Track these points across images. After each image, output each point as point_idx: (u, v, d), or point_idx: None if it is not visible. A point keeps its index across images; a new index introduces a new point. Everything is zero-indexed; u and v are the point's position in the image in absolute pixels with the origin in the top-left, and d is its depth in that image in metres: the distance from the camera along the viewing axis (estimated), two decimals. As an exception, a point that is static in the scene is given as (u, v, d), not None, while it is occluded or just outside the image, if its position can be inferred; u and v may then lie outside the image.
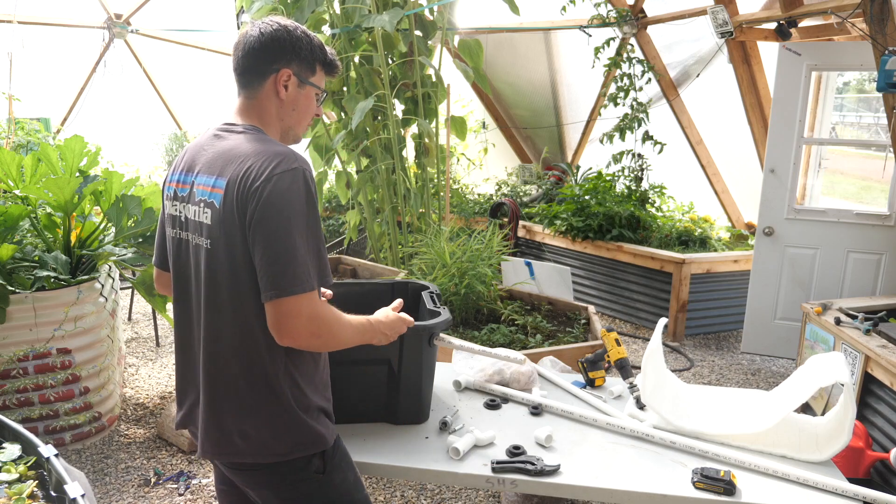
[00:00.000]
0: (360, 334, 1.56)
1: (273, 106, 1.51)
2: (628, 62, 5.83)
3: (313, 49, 1.51)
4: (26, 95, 6.11)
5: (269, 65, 1.47)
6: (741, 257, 5.25)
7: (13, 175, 3.39)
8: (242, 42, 1.48)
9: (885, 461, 2.84)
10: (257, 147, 1.41)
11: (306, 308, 1.34)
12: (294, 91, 1.50)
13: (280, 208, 1.33)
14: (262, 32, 1.47)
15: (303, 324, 1.35)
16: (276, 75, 1.48)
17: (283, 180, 1.34)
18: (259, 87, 1.49)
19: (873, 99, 7.64)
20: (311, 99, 1.55)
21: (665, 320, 2.34)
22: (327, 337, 1.42)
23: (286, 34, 1.47)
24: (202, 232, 1.44)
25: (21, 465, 1.69)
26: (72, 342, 3.29)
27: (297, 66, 1.49)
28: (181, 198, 1.52)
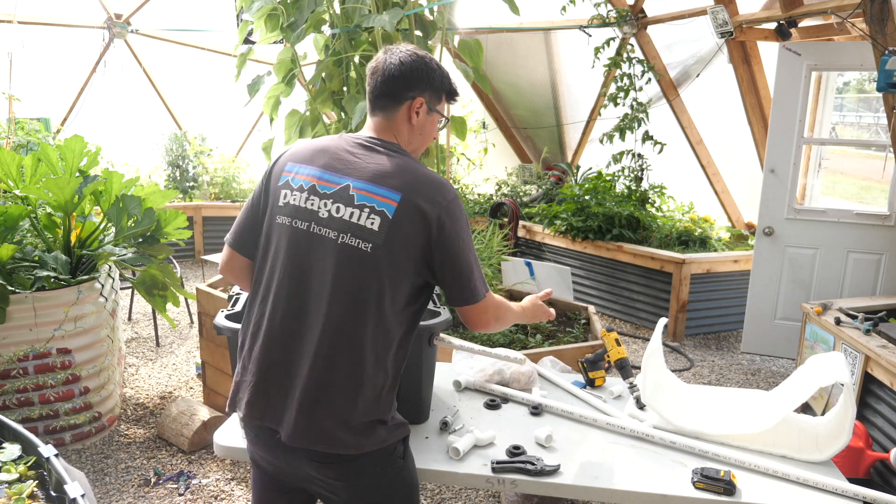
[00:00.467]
0: (518, 316, 1.86)
1: (405, 129, 1.65)
2: (628, 62, 5.83)
3: (443, 80, 1.67)
4: (26, 95, 6.10)
5: (406, 91, 1.62)
6: (741, 257, 5.25)
7: (13, 175, 3.39)
8: (382, 68, 1.62)
9: (885, 461, 2.84)
10: (425, 172, 1.59)
11: (490, 305, 1.67)
12: (423, 117, 1.65)
13: (459, 232, 1.57)
14: (401, 62, 1.61)
15: (490, 316, 1.69)
16: (411, 102, 1.63)
17: (456, 206, 1.57)
18: (395, 111, 1.63)
19: (873, 99, 7.65)
20: (435, 124, 1.71)
21: (665, 320, 2.34)
22: (503, 321, 1.76)
23: (423, 65, 1.63)
24: (362, 235, 1.52)
25: (21, 465, 1.69)
26: (72, 342, 3.29)
27: (429, 95, 1.65)
28: (321, 193, 1.58)
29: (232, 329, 2.03)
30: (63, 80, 7.15)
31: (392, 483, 1.63)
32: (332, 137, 1.67)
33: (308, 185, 1.60)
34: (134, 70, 7.40)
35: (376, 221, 1.51)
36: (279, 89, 4.28)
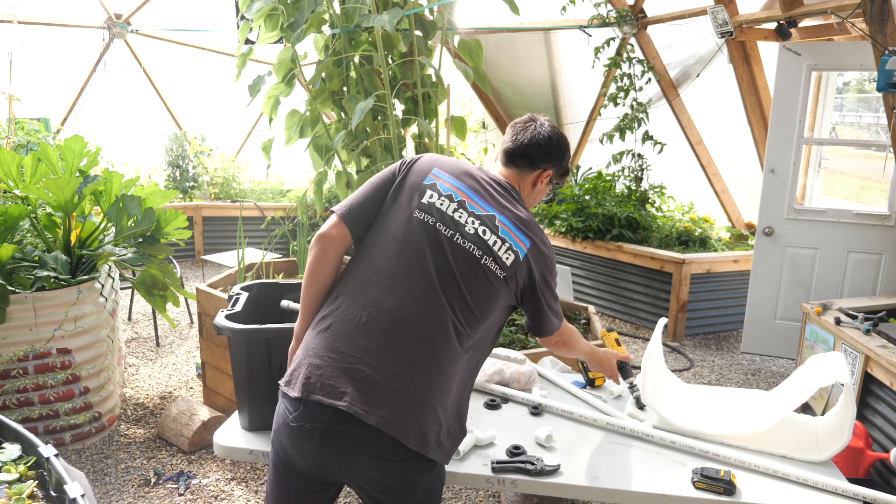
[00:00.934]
0: (586, 354, 2.12)
1: (527, 189, 1.87)
2: (628, 62, 5.83)
3: (569, 162, 1.92)
4: (26, 95, 6.10)
5: (542, 161, 1.84)
6: (741, 257, 5.25)
7: (13, 175, 3.38)
8: (532, 132, 1.83)
9: (885, 461, 2.84)
10: (537, 226, 1.81)
11: (566, 331, 1.96)
12: (544, 187, 1.89)
13: (550, 280, 1.82)
14: (550, 136, 1.83)
15: (562, 340, 1.97)
16: (542, 172, 1.85)
17: (554, 261, 1.84)
18: (528, 172, 1.85)
19: (873, 99, 7.65)
20: (544, 194, 1.93)
21: (665, 320, 2.34)
22: (572, 348, 2.04)
23: (564, 145, 1.87)
24: (498, 263, 1.72)
25: (21, 465, 1.69)
26: (72, 342, 3.29)
27: (556, 170, 1.87)
28: (470, 211, 1.74)
29: (232, 329, 2.03)
30: (63, 80, 7.15)
31: (434, 482, 1.69)
32: (469, 164, 1.87)
33: (458, 198, 1.75)
34: (134, 70, 7.40)
35: (511, 258, 1.73)
36: (279, 89, 4.28)
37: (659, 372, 2.20)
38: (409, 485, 1.62)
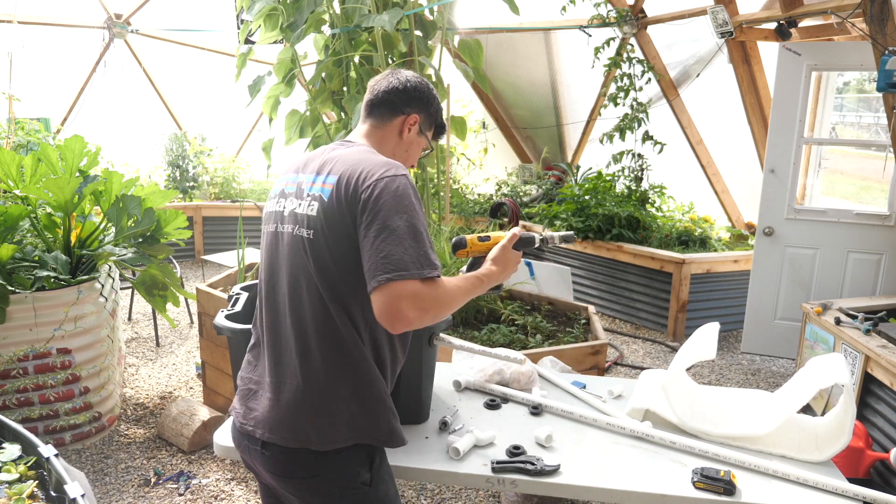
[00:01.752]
0: (468, 293, 1.61)
1: (393, 140, 1.70)
2: (628, 62, 5.84)
3: (438, 111, 1.75)
4: (26, 95, 6.11)
5: (404, 106, 1.68)
6: (741, 257, 5.25)
7: (13, 175, 3.39)
8: (385, 83, 1.69)
9: (885, 461, 2.84)
10: (370, 156, 1.55)
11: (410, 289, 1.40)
12: (413, 136, 1.71)
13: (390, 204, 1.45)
14: (407, 80, 1.70)
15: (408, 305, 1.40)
16: (407, 117, 1.69)
17: (393, 182, 1.48)
18: (388, 121, 1.69)
19: (873, 99, 7.65)
20: (420, 147, 1.75)
21: (717, 325, 2.34)
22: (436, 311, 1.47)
23: (426, 88, 1.72)
24: (305, 223, 1.52)
25: (21, 465, 1.69)
26: (72, 342, 3.29)
27: (423, 117, 1.71)
28: (286, 194, 1.62)
29: (232, 329, 2.03)
30: (63, 80, 7.16)
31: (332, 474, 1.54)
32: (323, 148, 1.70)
33: (279, 190, 1.65)
34: (134, 70, 7.40)
35: (315, 207, 1.51)
36: (279, 89, 4.28)
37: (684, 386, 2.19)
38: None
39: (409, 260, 1.40)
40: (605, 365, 3.40)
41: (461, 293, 1.56)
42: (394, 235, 1.42)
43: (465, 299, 1.57)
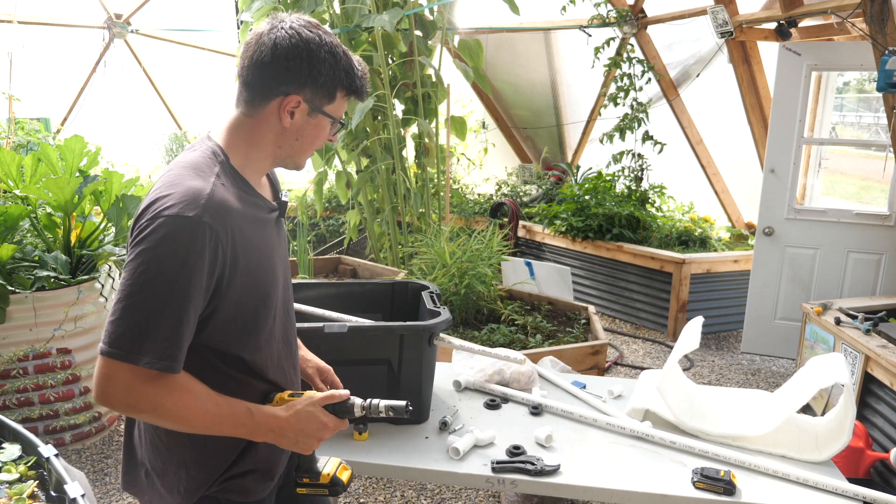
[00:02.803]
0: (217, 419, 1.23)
1: (271, 131, 1.29)
2: (628, 62, 5.83)
3: (336, 73, 1.27)
4: (26, 95, 6.11)
5: (278, 85, 1.25)
6: (741, 257, 5.25)
7: (13, 175, 3.39)
8: (254, 48, 1.24)
9: (885, 461, 2.84)
10: (176, 178, 1.20)
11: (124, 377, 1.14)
12: (301, 119, 1.28)
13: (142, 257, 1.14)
14: (277, 44, 1.22)
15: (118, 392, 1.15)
16: (283, 99, 1.26)
17: (166, 225, 1.14)
18: (260, 107, 1.27)
19: (873, 99, 7.65)
20: (322, 128, 1.32)
21: (701, 319, 2.34)
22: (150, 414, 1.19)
23: (305, 52, 1.23)
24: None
25: (21, 465, 1.69)
26: (72, 342, 3.29)
27: (311, 92, 1.26)
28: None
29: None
30: (63, 80, 7.15)
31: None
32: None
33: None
34: (134, 70, 7.40)
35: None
36: (279, 89, 4.28)
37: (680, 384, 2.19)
38: None
39: (117, 333, 1.13)
40: (605, 365, 3.41)
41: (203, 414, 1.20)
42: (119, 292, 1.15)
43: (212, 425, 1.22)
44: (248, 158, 1.31)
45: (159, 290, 1.13)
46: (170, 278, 1.13)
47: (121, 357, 1.13)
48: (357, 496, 2.97)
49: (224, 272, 1.21)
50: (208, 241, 1.15)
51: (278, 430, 1.27)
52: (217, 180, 1.22)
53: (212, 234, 1.16)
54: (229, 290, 1.23)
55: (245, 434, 1.26)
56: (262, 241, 1.31)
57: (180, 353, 1.17)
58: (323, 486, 1.37)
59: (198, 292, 1.16)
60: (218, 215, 1.17)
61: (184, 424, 1.21)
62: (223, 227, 1.18)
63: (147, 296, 1.13)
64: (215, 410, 1.22)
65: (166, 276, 1.13)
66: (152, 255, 1.13)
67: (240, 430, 1.25)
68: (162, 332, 1.14)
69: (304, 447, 1.31)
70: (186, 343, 1.18)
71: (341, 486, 1.38)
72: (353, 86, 1.31)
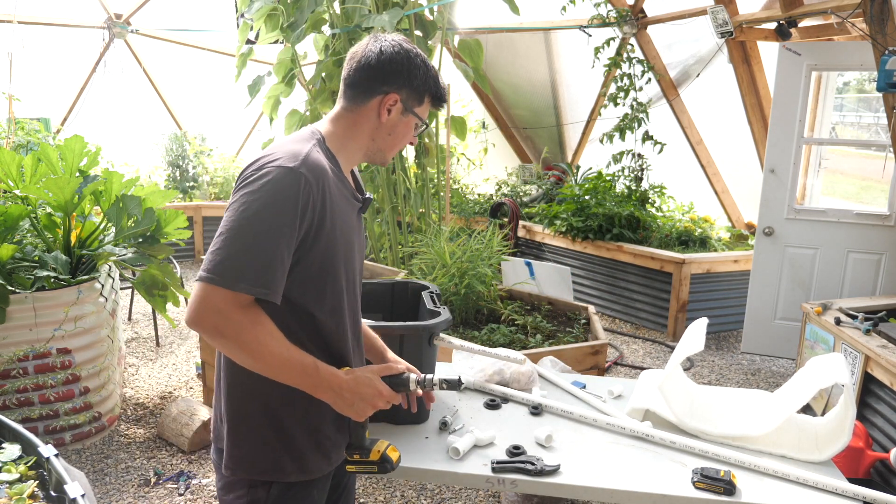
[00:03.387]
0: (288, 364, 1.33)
1: (369, 125, 1.49)
2: (628, 62, 5.84)
3: (427, 80, 1.49)
4: (26, 95, 6.10)
5: (380, 85, 1.46)
6: (741, 257, 5.25)
7: (13, 175, 3.39)
8: (360, 55, 1.47)
9: (885, 461, 2.84)
10: (278, 145, 1.40)
11: (218, 300, 1.26)
12: (396, 117, 1.49)
13: (237, 193, 1.31)
14: (382, 51, 1.45)
15: (209, 314, 1.27)
16: (384, 98, 1.46)
17: (260, 171, 1.32)
18: (361, 104, 1.47)
19: (873, 99, 7.65)
20: (410, 128, 1.53)
21: (705, 320, 2.34)
22: (232, 343, 1.29)
23: (405, 59, 1.46)
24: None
25: (21, 465, 1.69)
26: (72, 342, 3.29)
27: (407, 93, 1.48)
28: None
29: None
30: (63, 80, 7.15)
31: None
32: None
33: None
34: (134, 70, 7.40)
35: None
36: (279, 89, 4.29)
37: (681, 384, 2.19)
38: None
39: (215, 257, 1.27)
40: (605, 365, 3.41)
41: (276, 355, 1.31)
42: (221, 228, 1.30)
43: (281, 367, 1.32)
44: (344, 147, 1.49)
45: (258, 225, 1.27)
46: (268, 216, 1.28)
47: (219, 283, 1.25)
48: (357, 496, 2.97)
49: (312, 225, 1.35)
50: (302, 189, 1.31)
51: (338, 388, 1.37)
52: (314, 147, 1.40)
53: (306, 184, 1.31)
54: (314, 245, 1.36)
55: (307, 386, 1.36)
56: (347, 217, 1.46)
57: (275, 283, 1.30)
58: (373, 462, 1.43)
59: (291, 233, 1.30)
60: (313, 171, 1.34)
61: (256, 360, 1.31)
62: (316, 183, 1.34)
63: (247, 230, 1.27)
64: (287, 355, 1.32)
65: (265, 214, 1.28)
66: (255, 196, 1.29)
67: (304, 380, 1.35)
68: (259, 261, 1.27)
69: (358, 411, 1.40)
70: (281, 276, 1.31)
71: (391, 465, 1.43)
72: (438, 93, 1.54)
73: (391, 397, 1.44)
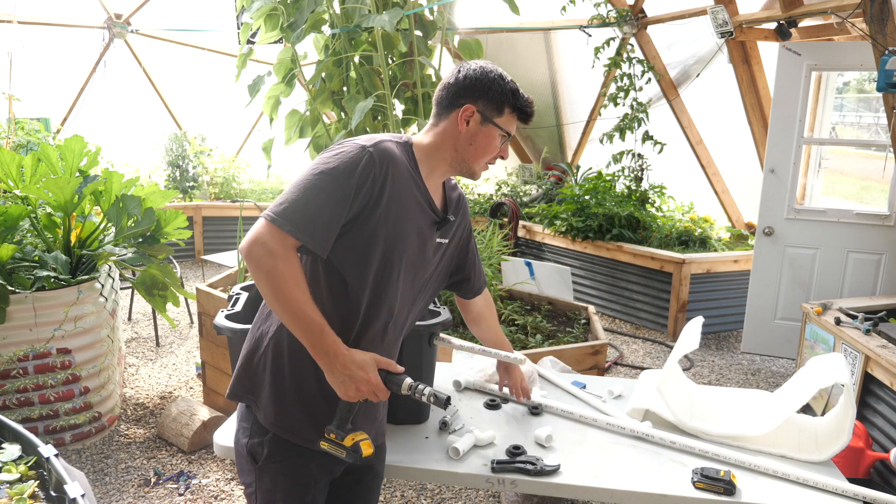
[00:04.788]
0: (305, 326, 1.43)
1: (451, 136, 1.60)
2: (628, 62, 5.84)
3: (504, 92, 1.60)
4: (26, 95, 6.10)
5: (458, 99, 1.59)
6: (741, 257, 5.25)
7: (13, 175, 3.39)
8: (445, 79, 1.63)
9: (885, 461, 2.84)
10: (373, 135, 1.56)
11: (267, 235, 1.41)
12: (475, 127, 1.59)
13: (317, 162, 1.48)
14: (459, 71, 1.60)
15: (257, 245, 1.41)
16: (461, 109, 1.58)
17: (345, 146, 1.50)
18: (445, 117, 1.61)
19: (873, 99, 7.65)
20: (493, 138, 1.61)
21: (701, 319, 2.34)
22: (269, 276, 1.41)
23: (480, 74, 1.59)
24: None
25: (21, 465, 1.69)
26: (72, 342, 3.29)
27: (483, 104, 1.58)
28: None
29: (232, 329, 2.03)
30: (63, 80, 7.15)
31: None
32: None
33: None
34: (134, 70, 7.40)
35: None
36: (279, 89, 4.28)
37: (679, 383, 2.19)
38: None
39: (279, 201, 1.44)
40: (605, 365, 3.41)
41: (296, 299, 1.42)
42: (292, 182, 1.48)
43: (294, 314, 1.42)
44: (429, 156, 1.62)
45: (318, 184, 1.44)
46: (329, 179, 1.44)
47: (273, 221, 1.41)
48: (357, 496, 2.97)
49: (369, 202, 1.47)
50: (364, 165, 1.45)
51: (334, 356, 1.45)
52: (394, 143, 1.56)
53: (370, 162, 1.46)
54: (366, 222, 1.48)
55: (309, 342, 1.44)
56: (414, 218, 1.57)
57: (318, 236, 1.43)
58: (343, 447, 1.47)
59: (344, 199, 1.44)
60: (381, 154, 1.48)
61: (277, 297, 1.42)
62: (381, 164, 1.48)
63: (308, 186, 1.44)
64: (304, 304, 1.43)
65: (326, 177, 1.44)
66: (326, 161, 1.47)
67: (308, 336, 1.44)
68: (309, 213, 1.42)
69: (345, 389, 1.46)
70: (324, 233, 1.44)
71: (359, 456, 1.46)
72: (518, 104, 1.62)
73: (378, 389, 1.48)
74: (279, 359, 1.56)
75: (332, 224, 1.45)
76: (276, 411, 1.55)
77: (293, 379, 1.55)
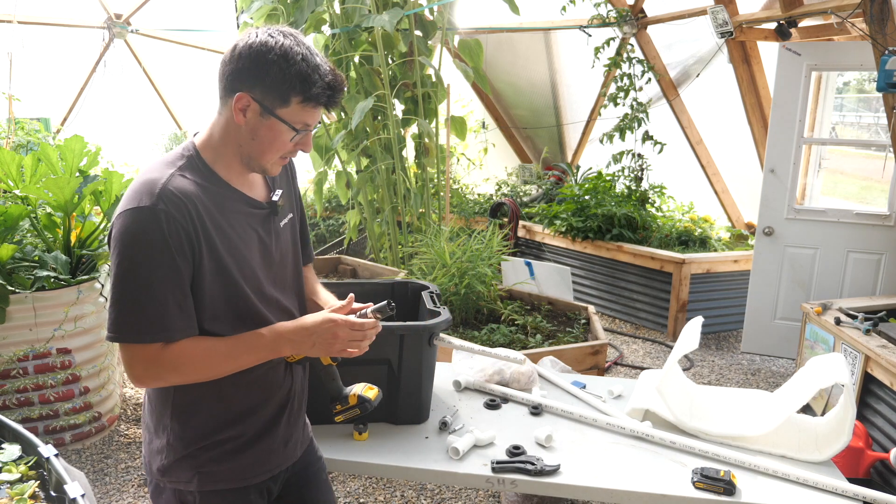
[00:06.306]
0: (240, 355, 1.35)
1: (233, 127, 1.35)
2: (628, 62, 5.83)
3: (288, 77, 1.28)
4: (26, 95, 6.10)
5: (232, 83, 1.32)
6: (741, 257, 5.25)
7: (13, 175, 3.39)
8: (227, 50, 1.34)
9: (885, 461, 2.84)
10: (144, 172, 1.34)
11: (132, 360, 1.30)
12: (255, 119, 1.32)
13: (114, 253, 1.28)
14: (234, 46, 1.31)
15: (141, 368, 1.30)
16: (234, 98, 1.31)
17: (117, 222, 1.28)
18: (224, 105, 1.35)
19: (873, 99, 7.65)
20: (278, 132, 1.34)
21: (701, 319, 2.34)
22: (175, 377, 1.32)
23: (256, 55, 1.28)
24: None
25: (21, 465, 1.69)
26: (72, 342, 3.29)
27: (262, 92, 1.30)
28: None
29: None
30: (63, 80, 7.16)
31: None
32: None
33: None
34: (134, 70, 7.40)
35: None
36: (279, 89, 4.28)
37: (679, 383, 2.19)
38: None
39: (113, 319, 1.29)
40: (605, 365, 3.41)
41: (220, 356, 1.33)
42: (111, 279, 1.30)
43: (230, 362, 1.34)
44: (220, 155, 1.39)
45: (138, 279, 1.26)
46: (144, 267, 1.26)
47: (129, 339, 1.28)
48: (357, 496, 2.97)
49: (196, 251, 1.30)
50: (165, 223, 1.26)
51: (294, 337, 1.37)
52: (177, 171, 1.33)
53: (168, 217, 1.26)
54: (202, 270, 1.32)
55: (268, 354, 1.37)
56: (237, 232, 1.38)
57: (176, 322, 1.29)
58: (353, 406, 1.48)
59: (174, 273, 1.27)
60: (173, 203, 1.27)
61: (208, 372, 1.33)
62: (180, 212, 1.28)
63: (128, 284, 1.27)
64: (227, 349, 1.33)
65: (136, 263, 1.26)
66: (121, 248, 1.26)
67: (261, 353, 1.36)
68: (151, 310, 1.27)
69: (328, 349, 1.38)
70: (182, 311, 1.30)
71: (369, 403, 1.48)
72: (309, 93, 1.31)
73: (349, 325, 1.38)
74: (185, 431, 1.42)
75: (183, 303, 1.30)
76: (199, 476, 1.42)
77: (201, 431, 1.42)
